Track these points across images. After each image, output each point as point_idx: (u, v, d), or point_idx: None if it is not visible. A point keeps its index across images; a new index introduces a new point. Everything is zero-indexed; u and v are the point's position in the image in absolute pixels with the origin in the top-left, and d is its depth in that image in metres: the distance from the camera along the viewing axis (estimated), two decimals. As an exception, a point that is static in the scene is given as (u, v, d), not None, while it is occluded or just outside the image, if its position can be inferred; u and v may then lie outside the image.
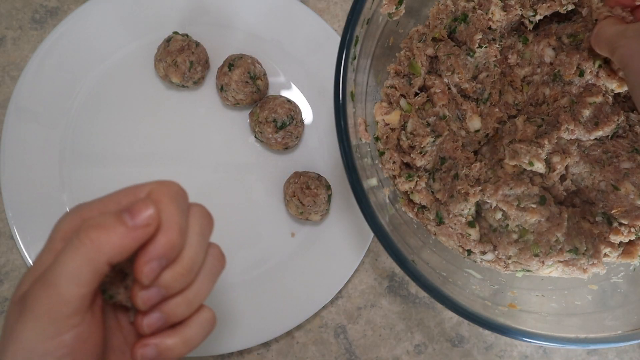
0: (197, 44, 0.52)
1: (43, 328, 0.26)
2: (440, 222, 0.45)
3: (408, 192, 0.46)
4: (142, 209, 0.27)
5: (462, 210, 0.44)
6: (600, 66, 0.43)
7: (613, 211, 0.43)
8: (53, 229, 0.29)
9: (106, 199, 0.29)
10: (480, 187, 0.44)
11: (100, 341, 0.28)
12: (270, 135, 0.51)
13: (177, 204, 0.28)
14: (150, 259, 0.27)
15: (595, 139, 0.44)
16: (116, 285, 0.30)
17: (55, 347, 0.26)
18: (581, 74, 0.43)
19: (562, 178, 0.45)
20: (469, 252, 0.45)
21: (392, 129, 0.46)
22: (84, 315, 0.27)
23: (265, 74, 0.53)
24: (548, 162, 0.43)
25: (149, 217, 0.27)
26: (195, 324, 0.30)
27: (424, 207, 0.46)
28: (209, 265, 0.31)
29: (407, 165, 0.46)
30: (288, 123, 0.51)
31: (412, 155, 0.45)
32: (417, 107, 0.46)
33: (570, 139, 0.44)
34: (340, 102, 0.39)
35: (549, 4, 0.44)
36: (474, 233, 0.45)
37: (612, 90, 0.43)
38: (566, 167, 0.44)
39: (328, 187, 0.52)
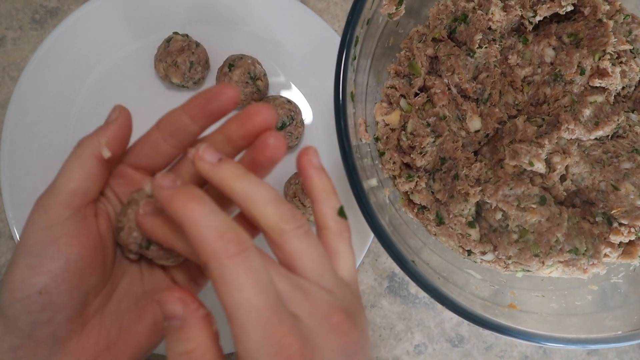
0: (197, 45, 0.52)
1: (38, 216, 0.29)
2: (440, 222, 0.45)
3: (408, 193, 0.46)
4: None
5: (462, 210, 0.44)
6: (600, 58, 0.43)
7: (613, 211, 0.43)
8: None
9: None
10: (480, 187, 0.44)
11: (89, 253, 0.30)
12: (271, 136, 0.51)
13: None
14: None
15: (596, 138, 0.44)
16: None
17: (45, 236, 0.28)
18: (582, 72, 0.43)
19: (562, 178, 0.45)
20: (469, 252, 0.45)
21: (392, 129, 0.46)
22: (75, 213, 0.29)
23: (265, 75, 0.53)
24: (548, 162, 0.43)
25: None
26: None
27: (424, 207, 0.46)
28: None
29: (407, 165, 0.46)
30: (288, 123, 0.51)
31: (412, 155, 0.45)
32: (417, 107, 0.46)
33: (571, 139, 0.44)
34: (340, 102, 0.39)
35: (548, 5, 0.44)
36: (474, 233, 0.45)
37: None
38: (566, 167, 0.44)
39: (328, 188, 0.52)
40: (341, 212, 0.29)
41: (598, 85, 0.44)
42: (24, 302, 0.28)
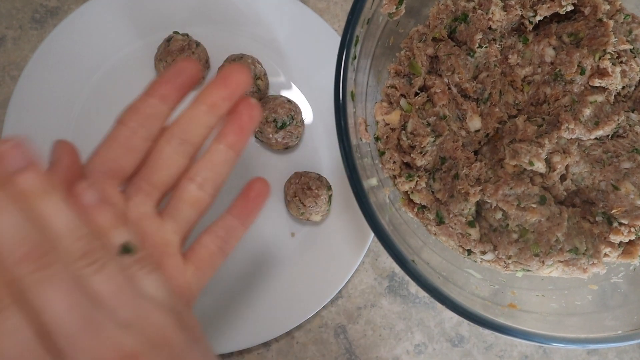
0: (198, 44, 0.52)
1: None
2: (440, 222, 0.45)
3: (408, 192, 0.46)
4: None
5: (462, 210, 0.44)
6: (600, 58, 0.43)
7: (613, 211, 0.43)
8: None
9: None
10: (480, 187, 0.44)
11: None
12: (271, 135, 0.51)
13: None
14: None
15: (596, 138, 0.44)
16: None
17: None
18: (582, 72, 0.43)
19: (562, 178, 0.45)
20: (469, 252, 0.45)
21: (393, 129, 0.46)
22: None
23: (265, 74, 0.53)
24: (548, 162, 0.43)
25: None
26: None
27: (424, 207, 0.46)
28: None
29: (407, 165, 0.46)
30: (288, 123, 0.51)
31: (412, 155, 0.45)
32: (417, 107, 0.46)
33: (571, 139, 0.44)
34: (341, 102, 0.39)
35: (548, 5, 0.44)
36: (474, 233, 0.45)
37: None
38: (566, 167, 0.44)
39: (329, 188, 0.52)
40: (125, 249, 0.26)
41: (598, 85, 0.44)
42: None
